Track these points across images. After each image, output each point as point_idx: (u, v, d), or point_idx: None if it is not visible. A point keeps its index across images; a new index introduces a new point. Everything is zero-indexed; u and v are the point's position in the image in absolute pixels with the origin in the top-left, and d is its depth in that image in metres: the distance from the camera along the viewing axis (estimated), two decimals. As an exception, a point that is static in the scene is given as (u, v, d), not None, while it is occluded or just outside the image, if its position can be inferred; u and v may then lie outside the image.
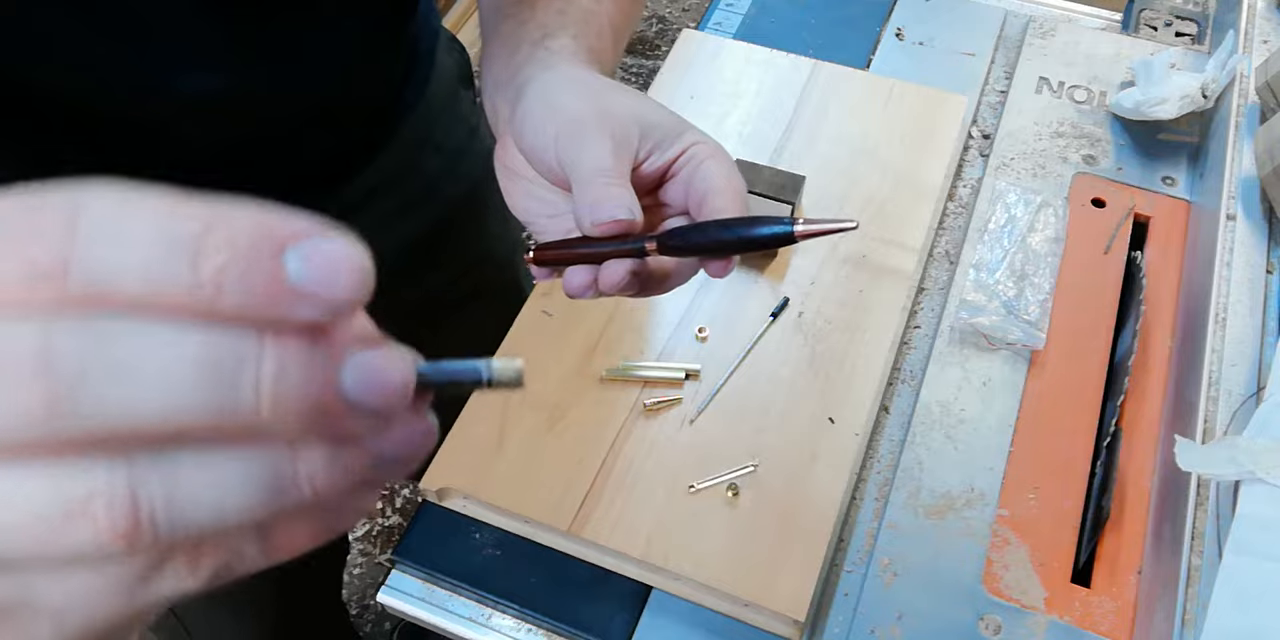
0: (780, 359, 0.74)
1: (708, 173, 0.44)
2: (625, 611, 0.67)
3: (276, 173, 0.64)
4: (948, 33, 0.99)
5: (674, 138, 0.45)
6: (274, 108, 0.59)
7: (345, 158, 0.69)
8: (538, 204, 0.49)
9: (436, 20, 0.78)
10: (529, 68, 0.50)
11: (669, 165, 0.45)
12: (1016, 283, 0.78)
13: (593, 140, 0.43)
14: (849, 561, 0.68)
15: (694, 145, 0.45)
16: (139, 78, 0.51)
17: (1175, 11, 1.00)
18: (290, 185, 0.66)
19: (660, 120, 0.46)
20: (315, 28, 0.57)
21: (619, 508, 0.67)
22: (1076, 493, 0.70)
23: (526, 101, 0.47)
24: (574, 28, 0.52)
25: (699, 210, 0.44)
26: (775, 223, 0.41)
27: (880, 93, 0.90)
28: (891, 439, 0.74)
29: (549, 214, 0.49)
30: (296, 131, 0.62)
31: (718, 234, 0.42)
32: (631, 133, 0.44)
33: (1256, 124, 0.84)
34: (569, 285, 0.46)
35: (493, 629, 0.69)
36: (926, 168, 0.85)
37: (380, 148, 0.72)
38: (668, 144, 0.45)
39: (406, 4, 0.67)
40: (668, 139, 0.45)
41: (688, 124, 0.46)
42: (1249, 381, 0.69)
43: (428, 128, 0.77)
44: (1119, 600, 0.65)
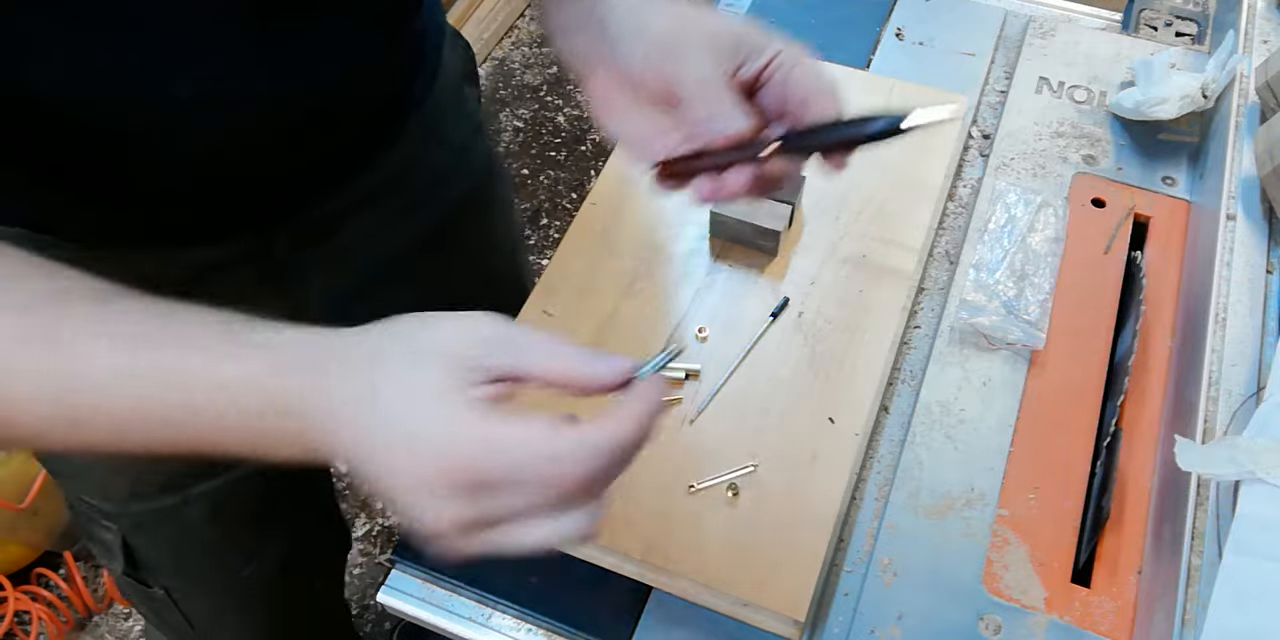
0: (780, 359, 0.74)
1: (803, 76, 0.47)
2: (625, 611, 0.67)
3: (280, 171, 0.63)
4: (948, 33, 0.99)
5: (761, 46, 0.48)
6: (275, 106, 0.58)
7: (350, 155, 0.69)
8: (642, 125, 0.52)
9: (441, 16, 0.78)
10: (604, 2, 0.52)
11: (760, 72, 0.48)
12: (1016, 283, 0.78)
13: (691, 53, 0.47)
14: (849, 561, 0.68)
15: (781, 52, 0.48)
16: (137, 79, 0.51)
17: (1175, 11, 1.00)
18: (294, 183, 0.66)
19: (744, 30, 0.49)
20: (315, 27, 0.56)
21: (619, 508, 0.67)
22: (1076, 493, 0.70)
23: (615, 26, 0.50)
24: None
25: (802, 110, 0.47)
26: (884, 119, 0.44)
27: (880, 93, 0.90)
28: (891, 439, 0.74)
29: (656, 133, 0.51)
30: (299, 130, 0.61)
31: (834, 134, 0.47)
32: (724, 43, 0.47)
33: (1256, 124, 0.84)
34: (699, 194, 0.49)
35: (493, 629, 0.69)
36: (926, 168, 0.85)
37: (386, 145, 0.71)
38: (756, 52, 0.48)
39: (410, 1, 0.67)
40: (755, 48, 0.48)
41: (769, 33, 0.49)
42: (1249, 381, 0.69)
43: (433, 125, 0.77)
44: (1119, 600, 0.65)
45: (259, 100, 0.57)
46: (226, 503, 0.82)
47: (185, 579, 0.88)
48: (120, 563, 0.83)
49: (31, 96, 0.49)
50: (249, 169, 0.61)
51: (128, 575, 0.85)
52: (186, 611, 0.89)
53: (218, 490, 0.80)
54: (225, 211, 0.64)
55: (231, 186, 0.62)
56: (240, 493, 0.82)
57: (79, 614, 1.59)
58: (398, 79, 0.70)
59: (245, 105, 0.56)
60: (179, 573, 0.87)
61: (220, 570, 0.88)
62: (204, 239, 0.65)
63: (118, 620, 1.62)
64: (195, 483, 0.79)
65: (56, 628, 1.53)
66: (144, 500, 0.79)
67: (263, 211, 0.66)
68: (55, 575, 1.59)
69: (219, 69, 0.53)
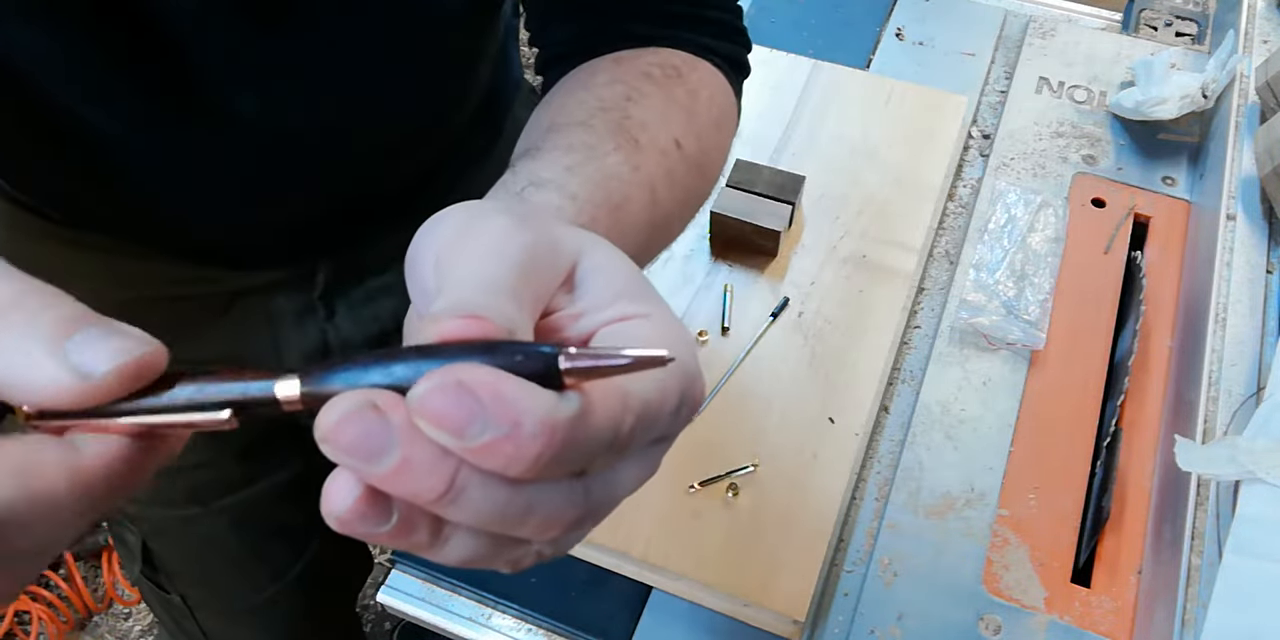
0: (780, 359, 0.74)
1: (631, 331, 0.28)
2: (625, 611, 0.67)
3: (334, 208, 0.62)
4: (948, 33, 0.99)
5: (620, 298, 0.29)
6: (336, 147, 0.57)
7: (404, 199, 0.66)
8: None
9: (519, 71, 0.75)
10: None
11: (592, 333, 0.29)
12: (1016, 283, 0.78)
13: (493, 251, 0.28)
14: (849, 561, 0.68)
15: (638, 317, 0.29)
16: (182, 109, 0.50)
17: (1175, 11, 1.00)
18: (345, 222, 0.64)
19: (615, 272, 0.30)
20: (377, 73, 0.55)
21: (619, 508, 0.67)
22: (1076, 493, 0.69)
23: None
24: (580, 188, 0.40)
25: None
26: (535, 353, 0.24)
27: (880, 93, 0.90)
28: (891, 439, 0.74)
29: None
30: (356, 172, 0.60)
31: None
32: (559, 260, 0.29)
33: (1256, 124, 0.84)
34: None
35: (493, 629, 0.69)
36: (926, 168, 0.85)
37: (444, 191, 0.68)
38: (606, 303, 0.29)
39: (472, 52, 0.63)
40: (610, 297, 0.29)
41: (651, 292, 0.30)
42: (1249, 381, 0.69)
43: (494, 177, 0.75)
44: (1119, 600, 0.65)
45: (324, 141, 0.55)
46: (250, 517, 0.81)
47: (203, 589, 0.87)
48: (138, 564, 0.84)
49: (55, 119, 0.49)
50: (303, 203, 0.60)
51: (147, 577, 0.85)
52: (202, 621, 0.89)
53: (241, 503, 0.80)
54: (273, 241, 0.64)
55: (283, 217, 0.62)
56: (264, 508, 0.82)
57: (79, 614, 1.59)
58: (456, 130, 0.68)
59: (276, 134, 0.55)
60: (197, 582, 0.87)
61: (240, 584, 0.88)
62: (252, 264, 0.65)
63: (118, 620, 1.61)
64: (220, 495, 0.79)
65: (56, 628, 1.53)
66: (167, 506, 0.79)
67: (313, 246, 0.66)
68: (55, 575, 1.59)
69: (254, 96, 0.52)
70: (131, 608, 1.62)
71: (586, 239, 0.31)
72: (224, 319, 0.68)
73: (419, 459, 0.23)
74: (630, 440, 0.26)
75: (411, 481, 0.23)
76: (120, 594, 1.60)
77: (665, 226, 0.46)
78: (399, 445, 0.23)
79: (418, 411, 0.22)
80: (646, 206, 0.43)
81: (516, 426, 0.22)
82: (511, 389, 0.22)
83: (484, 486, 0.24)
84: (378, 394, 0.23)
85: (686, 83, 0.49)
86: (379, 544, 0.25)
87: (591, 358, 0.24)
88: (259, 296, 0.67)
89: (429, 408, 0.22)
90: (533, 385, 0.23)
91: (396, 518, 0.24)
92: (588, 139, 0.43)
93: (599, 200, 0.40)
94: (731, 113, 0.54)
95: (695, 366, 0.29)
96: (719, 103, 0.51)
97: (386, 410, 0.23)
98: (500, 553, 0.27)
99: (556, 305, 0.29)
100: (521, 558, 0.28)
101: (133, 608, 1.61)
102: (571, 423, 0.23)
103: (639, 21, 0.51)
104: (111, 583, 1.59)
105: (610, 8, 0.51)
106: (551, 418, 0.23)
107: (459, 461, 0.23)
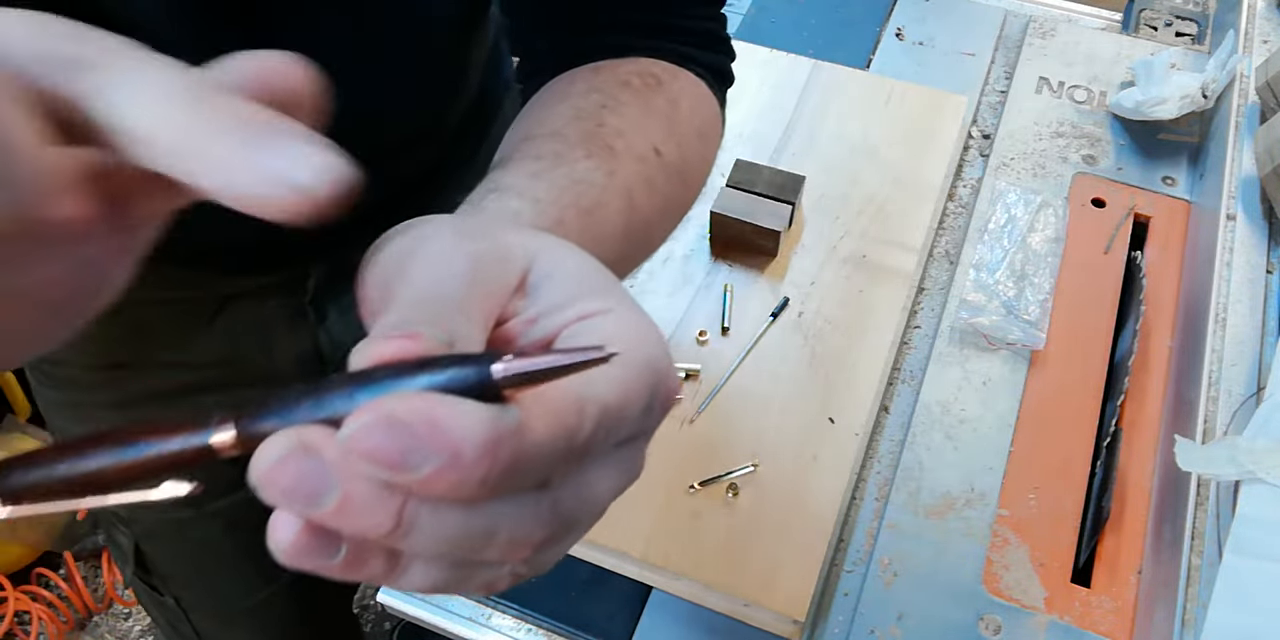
0: (780, 359, 0.74)
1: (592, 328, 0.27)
2: (625, 611, 0.67)
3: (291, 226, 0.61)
4: (948, 33, 0.99)
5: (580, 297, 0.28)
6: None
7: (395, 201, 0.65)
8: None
9: (509, 69, 0.74)
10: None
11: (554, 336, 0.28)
12: (1016, 283, 0.78)
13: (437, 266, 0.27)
14: (849, 561, 0.68)
15: (600, 314, 0.28)
16: None
17: (1175, 11, 1.00)
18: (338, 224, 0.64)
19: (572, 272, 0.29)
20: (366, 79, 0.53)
21: (619, 508, 0.67)
22: (1076, 493, 0.69)
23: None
24: (545, 192, 0.39)
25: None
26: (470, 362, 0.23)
27: (880, 93, 0.90)
28: (891, 439, 0.74)
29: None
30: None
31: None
32: (509, 267, 0.28)
33: (1256, 124, 0.84)
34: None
35: (493, 629, 0.69)
36: (926, 168, 0.85)
37: (434, 192, 0.67)
38: (565, 303, 0.28)
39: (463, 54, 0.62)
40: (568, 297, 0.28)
41: (614, 287, 0.29)
42: (1249, 381, 0.69)
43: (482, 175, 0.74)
44: (1119, 600, 0.65)
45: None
46: (243, 520, 0.81)
47: (197, 591, 0.87)
48: (131, 566, 0.83)
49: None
50: None
51: (140, 579, 0.85)
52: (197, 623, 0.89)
53: (234, 507, 0.79)
54: (264, 246, 0.64)
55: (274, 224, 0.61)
56: (257, 510, 0.82)
57: (79, 614, 1.59)
58: (448, 131, 0.67)
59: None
60: (191, 585, 0.87)
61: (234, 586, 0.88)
62: (241, 269, 0.65)
63: (118, 620, 1.61)
64: (212, 498, 0.79)
65: (56, 628, 1.53)
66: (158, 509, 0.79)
67: (303, 249, 0.65)
68: (55, 575, 1.59)
69: None
70: (131, 608, 1.62)
71: (540, 242, 0.30)
72: (215, 323, 0.68)
73: (361, 496, 0.22)
74: (591, 446, 0.24)
75: (357, 519, 0.22)
76: (120, 594, 1.60)
77: (645, 234, 0.45)
78: (337, 484, 0.21)
79: (351, 451, 0.21)
80: (623, 212, 0.42)
81: (456, 454, 0.21)
82: (445, 414, 0.21)
83: (436, 514, 0.22)
84: (310, 432, 0.22)
85: (667, 91, 0.48)
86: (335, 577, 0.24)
87: (526, 363, 0.22)
88: (250, 301, 0.67)
89: (362, 447, 0.21)
90: (469, 403, 0.21)
91: (346, 550, 0.23)
92: (557, 147, 0.42)
93: (565, 202, 0.39)
94: (715, 122, 0.53)
95: (665, 360, 0.27)
96: (701, 112, 0.51)
97: (320, 449, 0.22)
98: (469, 577, 0.25)
99: (512, 311, 0.28)
100: (495, 580, 0.26)
101: (133, 608, 1.61)
102: (515, 437, 0.22)
103: (619, 32, 0.50)
104: (111, 583, 1.59)
105: (591, 18, 0.51)
106: (493, 436, 0.21)
107: (405, 493, 0.22)
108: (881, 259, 0.80)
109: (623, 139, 0.44)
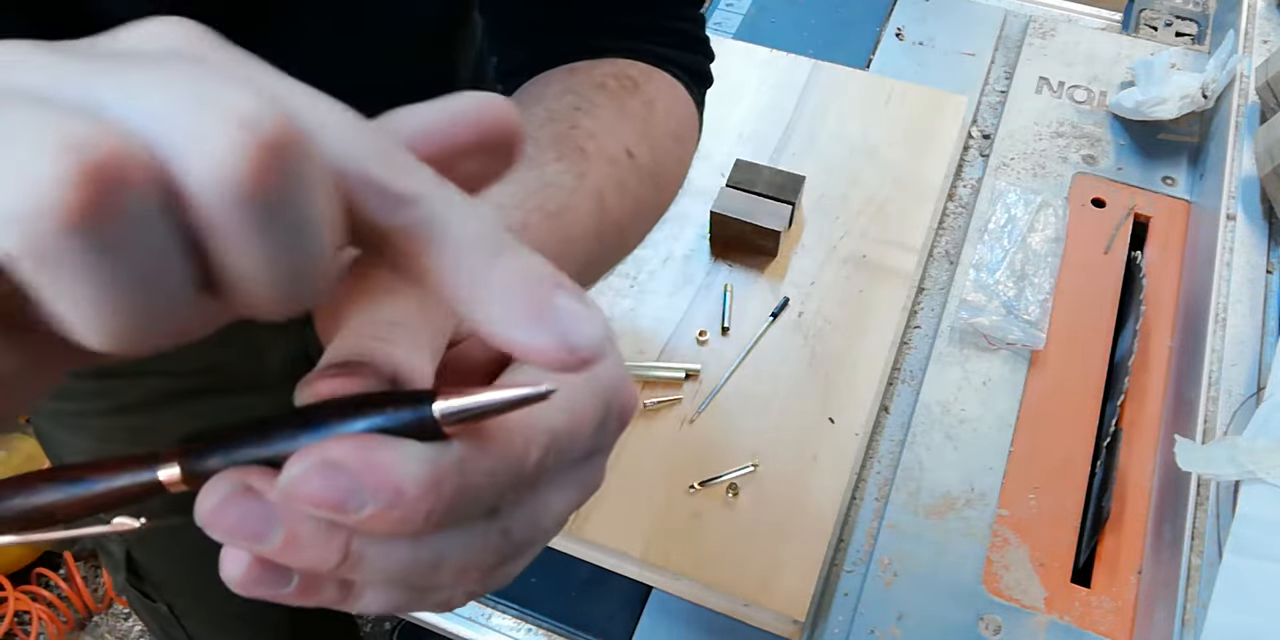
0: (780, 359, 0.74)
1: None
2: (625, 611, 0.67)
3: None
4: (948, 33, 0.99)
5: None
6: None
7: None
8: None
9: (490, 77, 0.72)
10: None
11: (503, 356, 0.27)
12: (1016, 283, 0.78)
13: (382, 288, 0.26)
14: (849, 561, 0.68)
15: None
16: None
17: (1175, 11, 1.00)
18: None
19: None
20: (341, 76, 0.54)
21: (619, 508, 0.67)
22: (1076, 493, 0.69)
23: None
24: (509, 197, 0.39)
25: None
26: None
27: (880, 93, 0.90)
28: (891, 439, 0.74)
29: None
30: None
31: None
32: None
33: (1256, 124, 0.84)
34: None
35: (493, 629, 0.69)
36: (926, 168, 0.85)
37: None
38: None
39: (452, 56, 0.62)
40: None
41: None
42: (1249, 381, 0.69)
43: None
44: (1119, 600, 0.65)
45: None
46: None
47: (189, 597, 0.87)
48: (123, 573, 0.83)
49: None
50: None
51: (133, 586, 0.85)
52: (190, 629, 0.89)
53: None
54: None
55: None
56: None
57: (79, 614, 1.59)
58: None
59: None
60: (183, 591, 0.86)
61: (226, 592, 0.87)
62: None
63: (118, 620, 1.61)
64: None
65: (56, 628, 1.53)
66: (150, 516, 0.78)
67: None
68: (55, 575, 1.59)
69: None
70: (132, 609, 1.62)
71: None
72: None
73: (306, 534, 0.22)
74: (541, 472, 0.24)
75: (302, 556, 0.22)
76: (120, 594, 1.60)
77: (617, 236, 0.45)
78: (281, 524, 0.22)
79: (292, 498, 0.21)
80: (593, 214, 0.42)
81: (398, 493, 0.21)
82: (384, 457, 0.21)
83: (383, 547, 0.23)
84: (252, 473, 0.22)
85: (642, 93, 0.48)
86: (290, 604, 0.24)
87: (465, 402, 0.22)
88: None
89: (302, 493, 0.21)
90: (408, 443, 0.21)
91: (298, 580, 0.23)
92: (528, 150, 0.41)
93: (531, 206, 0.39)
94: (691, 123, 0.52)
95: (616, 373, 0.26)
96: (677, 114, 0.50)
97: (262, 490, 0.22)
98: (423, 598, 0.26)
99: (466, 331, 0.28)
100: (450, 599, 0.26)
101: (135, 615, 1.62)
102: (458, 473, 0.22)
103: (597, 33, 0.50)
104: (111, 583, 1.59)
105: (568, 19, 0.51)
106: (433, 475, 0.21)
107: (349, 530, 0.22)
108: (881, 259, 0.80)
109: (595, 141, 0.44)
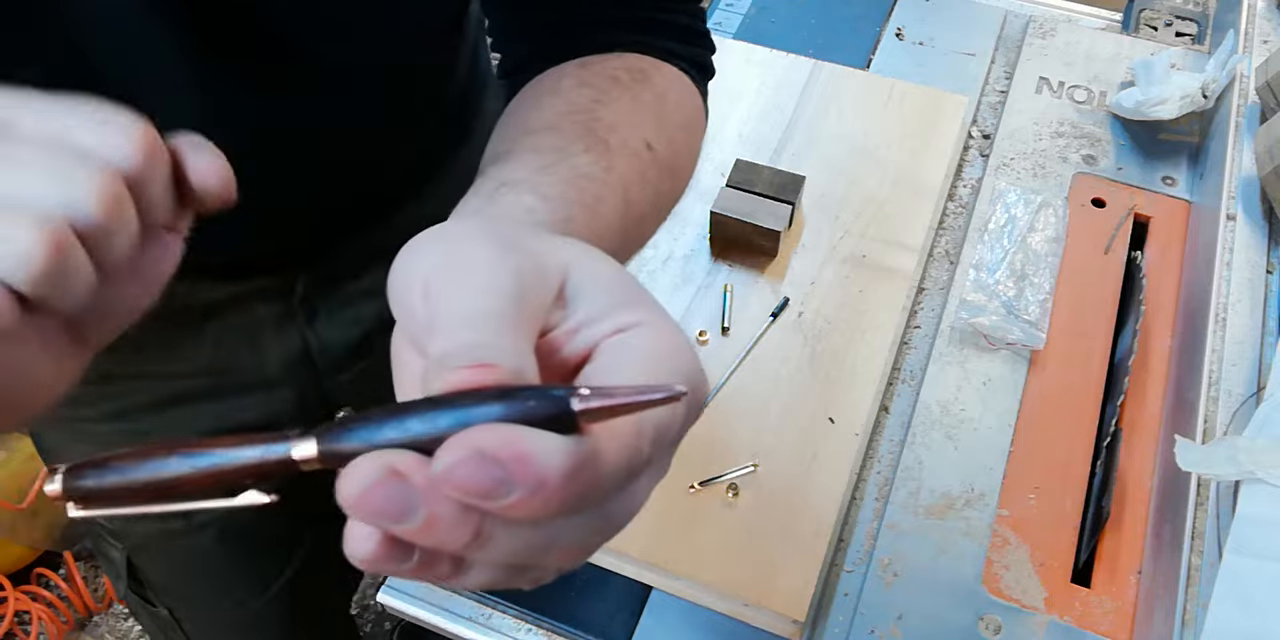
0: (780, 359, 0.74)
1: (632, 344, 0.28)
2: (625, 611, 0.67)
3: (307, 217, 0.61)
4: (948, 33, 0.99)
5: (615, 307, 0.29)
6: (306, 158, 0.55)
7: (378, 205, 0.66)
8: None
9: (486, 62, 0.73)
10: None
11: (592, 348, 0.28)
12: (1016, 283, 0.78)
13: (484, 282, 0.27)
14: (849, 561, 0.68)
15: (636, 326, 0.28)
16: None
17: (1175, 11, 1.00)
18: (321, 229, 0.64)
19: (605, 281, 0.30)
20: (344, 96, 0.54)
21: (619, 508, 0.67)
22: (1076, 493, 0.69)
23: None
24: (552, 188, 0.39)
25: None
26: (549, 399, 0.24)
27: (880, 93, 0.90)
28: (891, 439, 0.74)
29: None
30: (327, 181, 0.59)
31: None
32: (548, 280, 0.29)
33: (1256, 124, 0.84)
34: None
35: (493, 629, 0.69)
36: (926, 168, 0.85)
37: (414, 196, 0.67)
38: (602, 314, 0.29)
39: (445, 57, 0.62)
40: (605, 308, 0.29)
41: (644, 295, 0.30)
42: (1249, 381, 0.69)
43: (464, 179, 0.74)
44: (1119, 600, 0.65)
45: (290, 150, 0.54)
46: (234, 531, 0.80)
47: (189, 602, 0.87)
48: (124, 581, 0.83)
49: None
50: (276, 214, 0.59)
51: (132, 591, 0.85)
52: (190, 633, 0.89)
53: (226, 518, 0.79)
54: (250, 251, 0.63)
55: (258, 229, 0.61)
56: (249, 522, 0.81)
57: (79, 614, 1.59)
58: (431, 133, 0.67)
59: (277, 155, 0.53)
60: (184, 596, 0.86)
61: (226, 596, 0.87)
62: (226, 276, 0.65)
63: (118, 620, 1.61)
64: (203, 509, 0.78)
65: (56, 628, 1.53)
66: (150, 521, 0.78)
67: (287, 254, 0.65)
68: (55, 575, 1.59)
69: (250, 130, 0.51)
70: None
71: (570, 249, 0.31)
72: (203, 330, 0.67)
73: (444, 516, 0.24)
74: (648, 463, 0.27)
75: (438, 536, 0.24)
76: (120, 594, 1.60)
77: (638, 229, 0.46)
78: (423, 506, 0.23)
79: (445, 484, 0.23)
80: (619, 208, 0.42)
81: (541, 483, 0.23)
82: (532, 449, 0.23)
83: (509, 530, 0.25)
84: (396, 456, 0.23)
85: (654, 86, 0.49)
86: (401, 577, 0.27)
87: (604, 398, 0.24)
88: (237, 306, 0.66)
89: (455, 480, 0.23)
90: (550, 436, 0.23)
91: (419, 556, 0.25)
92: (557, 142, 0.42)
93: (572, 199, 0.39)
94: (699, 115, 0.53)
95: (698, 370, 0.29)
96: (686, 106, 0.51)
97: (407, 474, 0.23)
98: (522, 575, 0.28)
99: (552, 322, 0.29)
100: (541, 576, 0.29)
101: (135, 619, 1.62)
102: (592, 465, 0.24)
103: (603, 28, 0.51)
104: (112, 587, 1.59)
105: (574, 16, 0.51)
106: (574, 466, 0.23)
107: (483, 513, 0.24)
108: (881, 259, 0.80)
109: (616, 134, 0.44)
